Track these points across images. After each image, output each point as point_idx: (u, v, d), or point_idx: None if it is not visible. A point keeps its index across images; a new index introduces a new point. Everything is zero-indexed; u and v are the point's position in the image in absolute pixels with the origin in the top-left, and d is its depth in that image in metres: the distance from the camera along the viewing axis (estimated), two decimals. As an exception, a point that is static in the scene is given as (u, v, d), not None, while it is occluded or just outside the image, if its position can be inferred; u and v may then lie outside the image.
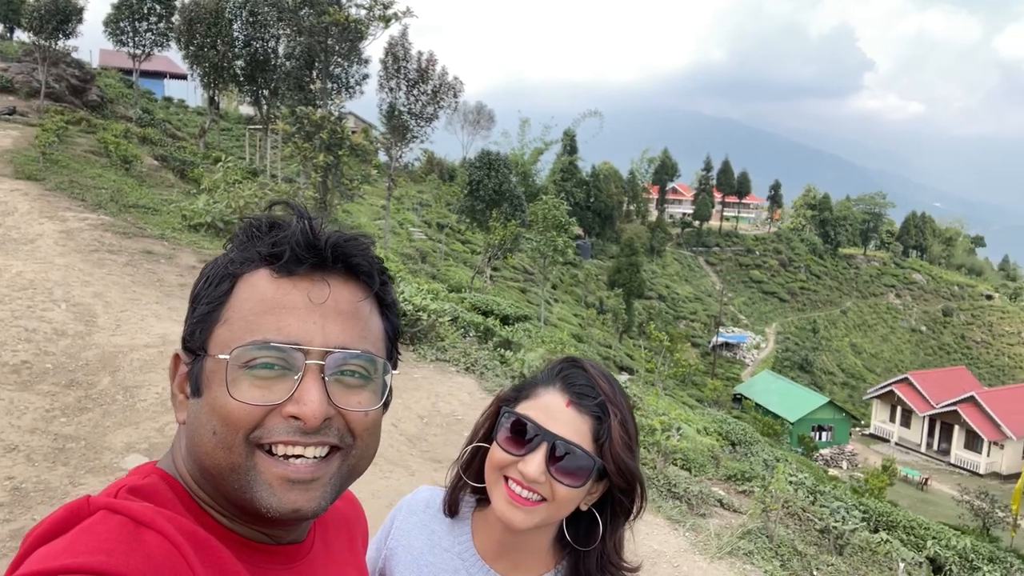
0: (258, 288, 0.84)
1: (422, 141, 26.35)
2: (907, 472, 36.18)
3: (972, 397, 39.60)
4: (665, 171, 74.89)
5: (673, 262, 67.80)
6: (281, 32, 23.39)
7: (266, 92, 26.05)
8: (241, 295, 0.84)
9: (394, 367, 0.92)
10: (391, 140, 25.32)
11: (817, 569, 5.16)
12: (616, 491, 1.20)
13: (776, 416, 38.10)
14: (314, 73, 23.22)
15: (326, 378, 0.82)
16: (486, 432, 1.28)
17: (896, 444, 42.72)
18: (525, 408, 1.20)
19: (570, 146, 61.35)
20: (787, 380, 46.23)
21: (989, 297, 74.38)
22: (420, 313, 8.00)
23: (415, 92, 24.72)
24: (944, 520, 21.83)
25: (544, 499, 1.16)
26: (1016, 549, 20.78)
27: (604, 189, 62.58)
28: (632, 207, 71.70)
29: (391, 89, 24.52)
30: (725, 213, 77.73)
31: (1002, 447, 38.60)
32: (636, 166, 74.16)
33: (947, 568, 6.72)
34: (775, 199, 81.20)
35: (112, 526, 0.74)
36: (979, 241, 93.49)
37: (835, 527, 6.05)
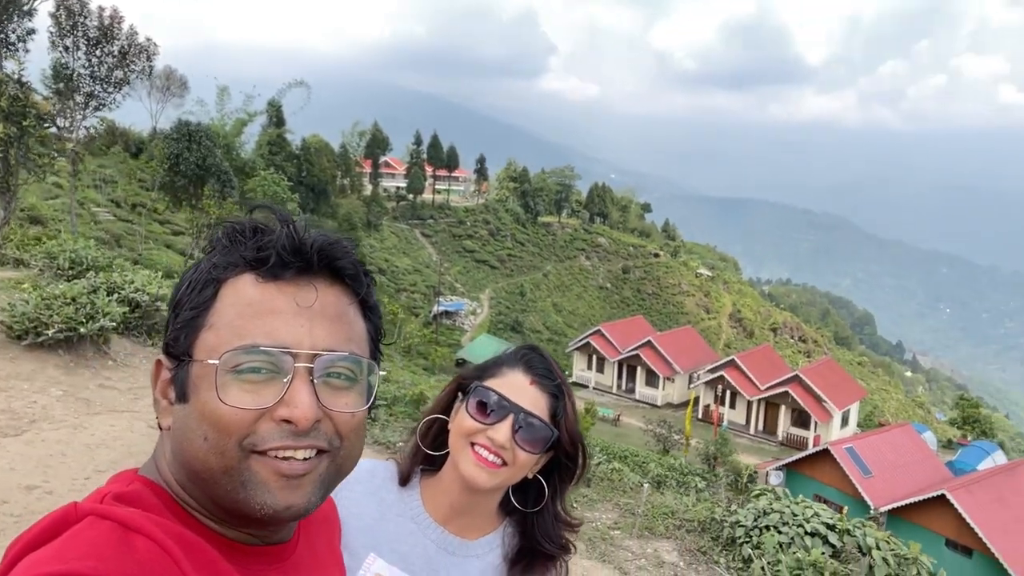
0: (244, 293, 0.84)
1: (101, 107, 23.15)
2: (603, 411, 41.52)
3: (649, 342, 46.60)
4: (377, 145, 74.99)
5: (391, 235, 68.63)
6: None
7: None
8: (226, 300, 0.84)
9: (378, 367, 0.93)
10: (63, 107, 21.86)
11: (576, 501, 6.02)
12: (564, 458, 1.40)
13: (496, 375, 41.03)
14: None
15: (315, 380, 0.82)
16: (445, 406, 1.44)
17: (594, 388, 48.68)
18: (492, 384, 1.37)
19: (276, 118, 58.29)
20: (503, 341, 49.92)
21: (656, 255, 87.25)
22: (158, 303, 7.30)
23: (97, 53, 21.62)
24: (635, 447, 25.71)
25: (505, 463, 1.33)
26: (690, 464, 25.28)
27: (316, 163, 60.77)
28: (346, 181, 70.73)
29: (66, 48, 21.14)
30: (437, 186, 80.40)
31: (673, 381, 46.15)
32: (347, 139, 73.10)
33: (667, 483, 8.19)
34: (481, 172, 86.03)
35: (101, 531, 0.74)
36: (647, 207, 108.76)
37: (582, 464, 7.01)
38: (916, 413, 63.80)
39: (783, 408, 39.58)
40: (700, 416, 41.21)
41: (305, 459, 0.83)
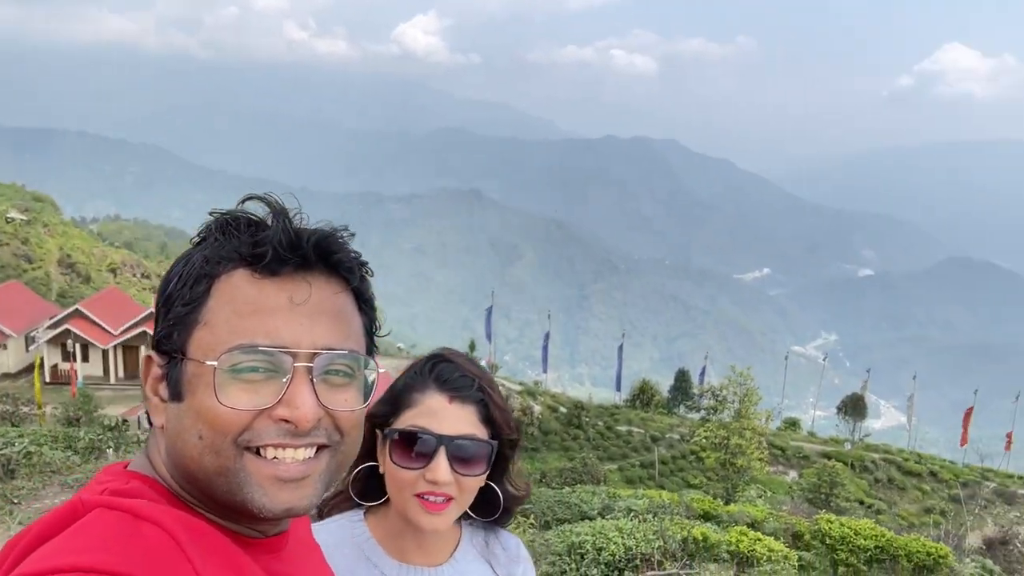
0: (240, 289, 0.81)
1: None
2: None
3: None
4: None
5: None
6: None
7: None
8: (221, 296, 0.81)
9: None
10: None
11: None
12: (505, 448, 1.28)
13: None
14: None
15: (314, 379, 0.81)
16: (368, 451, 1.26)
17: None
18: (411, 418, 1.22)
19: None
20: None
21: (9, 220, 71.41)
22: None
23: None
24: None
25: (452, 497, 1.21)
26: (52, 431, 22.71)
27: None
28: None
29: None
30: None
31: (6, 347, 39.44)
32: None
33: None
34: None
35: (109, 522, 0.73)
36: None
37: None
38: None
39: (143, 348, 38.52)
40: (48, 379, 36.78)
41: (305, 459, 0.81)
